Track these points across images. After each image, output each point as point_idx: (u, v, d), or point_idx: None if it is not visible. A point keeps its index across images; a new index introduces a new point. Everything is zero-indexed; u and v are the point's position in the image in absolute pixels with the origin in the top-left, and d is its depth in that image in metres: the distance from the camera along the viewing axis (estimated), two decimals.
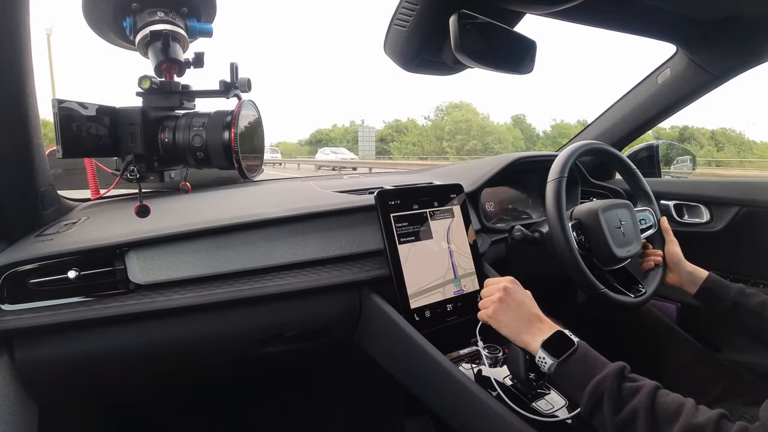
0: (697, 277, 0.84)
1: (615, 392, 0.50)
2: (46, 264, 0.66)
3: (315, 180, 1.19)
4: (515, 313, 0.63)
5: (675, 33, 0.98)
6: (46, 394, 0.71)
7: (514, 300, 0.64)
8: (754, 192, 1.08)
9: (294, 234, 0.80)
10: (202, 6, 0.59)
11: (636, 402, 0.48)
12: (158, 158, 0.56)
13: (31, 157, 0.68)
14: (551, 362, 0.57)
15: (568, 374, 0.56)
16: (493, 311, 0.65)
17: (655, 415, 0.47)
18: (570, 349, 0.56)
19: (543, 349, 0.58)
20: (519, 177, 1.19)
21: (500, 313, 0.64)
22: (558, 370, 0.56)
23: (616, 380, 0.51)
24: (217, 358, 0.85)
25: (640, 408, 0.47)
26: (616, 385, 0.50)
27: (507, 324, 0.63)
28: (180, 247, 0.73)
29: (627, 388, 0.50)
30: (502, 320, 0.64)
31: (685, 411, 0.46)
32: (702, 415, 0.45)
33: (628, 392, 0.50)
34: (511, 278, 0.69)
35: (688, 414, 0.45)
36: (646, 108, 1.19)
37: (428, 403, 0.74)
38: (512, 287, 0.66)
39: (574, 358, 0.55)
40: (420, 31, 0.70)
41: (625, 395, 0.49)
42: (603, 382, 0.51)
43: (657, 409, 0.47)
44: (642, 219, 0.95)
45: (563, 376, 0.56)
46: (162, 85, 0.55)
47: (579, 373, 0.54)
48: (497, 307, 0.64)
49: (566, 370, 0.56)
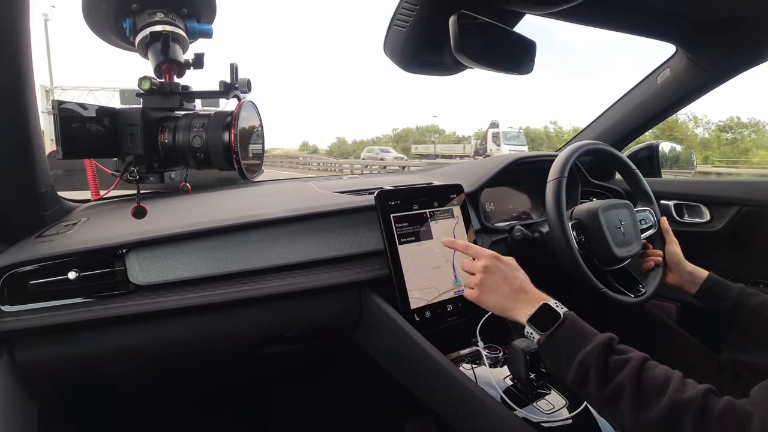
0: (698, 277, 0.84)
1: (601, 366, 0.49)
2: (47, 265, 0.66)
3: (315, 180, 1.19)
4: (498, 291, 0.63)
5: (675, 33, 0.98)
6: (46, 395, 0.71)
7: (496, 278, 0.63)
8: (754, 192, 1.07)
9: (294, 234, 0.80)
10: (201, 7, 0.59)
11: (622, 376, 0.48)
12: (158, 159, 0.56)
13: (31, 158, 0.68)
14: (539, 336, 0.56)
15: (556, 347, 0.55)
16: (478, 294, 0.64)
17: (640, 390, 0.46)
18: (556, 323, 0.55)
19: (530, 323, 0.58)
20: (519, 177, 1.19)
21: (485, 295, 0.64)
22: (545, 343, 0.56)
23: (603, 354, 0.50)
24: (217, 359, 0.85)
25: (626, 382, 0.47)
26: (602, 359, 0.50)
27: (493, 304, 0.63)
28: (180, 248, 0.73)
29: (613, 361, 0.49)
30: (489, 301, 0.63)
31: (672, 385, 0.45)
32: (689, 390, 0.44)
33: (614, 366, 0.49)
34: (492, 253, 0.67)
35: (674, 388, 0.45)
36: (646, 108, 1.19)
37: (428, 403, 0.74)
38: (492, 264, 0.65)
39: (561, 331, 0.55)
40: (419, 31, 0.70)
41: (611, 369, 0.49)
42: (589, 356, 0.50)
43: (643, 384, 0.46)
44: (642, 219, 0.95)
45: (551, 349, 0.56)
46: (162, 86, 0.55)
47: (566, 346, 0.54)
48: (481, 289, 0.64)
49: (554, 343, 0.55)
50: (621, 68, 64.15)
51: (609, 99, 1.28)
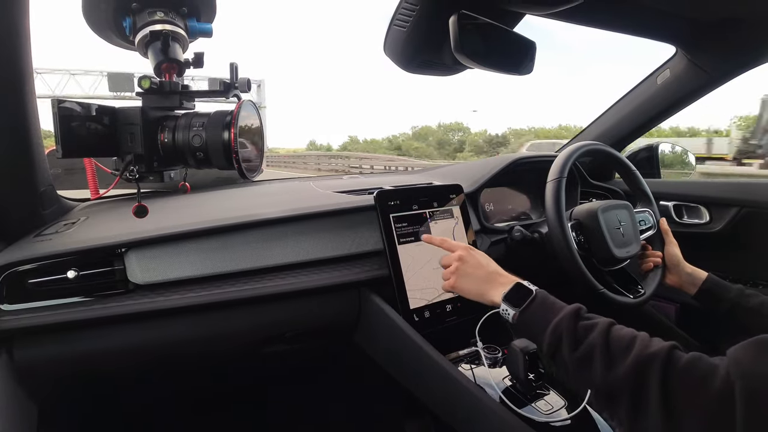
0: (697, 279, 0.84)
1: (572, 330, 0.52)
2: (46, 264, 0.66)
3: (314, 180, 1.19)
4: (474, 276, 0.66)
5: (674, 34, 0.98)
6: (45, 394, 0.71)
7: (470, 265, 0.67)
8: (753, 192, 1.08)
9: (293, 234, 0.80)
10: (201, 6, 0.59)
11: (592, 338, 0.50)
12: (158, 158, 0.55)
13: (30, 156, 0.68)
14: (513, 312, 0.59)
15: (529, 321, 0.58)
16: (454, 281, 0.67)
17: (609, 348, 0.49)
18: (529, 298, 0.59)
19: (504, 301, 0.61)
20: (518, 177, 1.19)
21: (461, 281, 0.67)
22: (520, 318, 0.59)
23: (573, 320, 0.53)
24: (216, 359, 0.85)
25: (596, 343, 0.50)
26: (573, 324, 0.53)
27: (469, 289, 0.66)
28: (179, 248, 0.73)
29: (583, 326, 0.52)
30: (464, 287, 0.67)
31: (638, 342, 0.48)
32: (655, 346, 0.47)
33: (583, 330, 0.52)
34: (466, 245, 0.71)
35: (641, 345, 0.47)
36: (646, 109, 1.19)
37: (428, 403, 0.74)
38: (466, 254, 0.68)
39: (533, 306, 0.58)
40: (419, 31, 0.70)
41: (581, 333, 0.52)
42: (561, 322, 0.54)
43: (611, 343, 0.49)
44: (641, 220, 0.95)
45: (525, 323, 0.58)
46: (162, 85, 0.55)
47: (539, 319, 0.57)
48: (456, 276, 0.67)
49: (527, 317, 0.58)
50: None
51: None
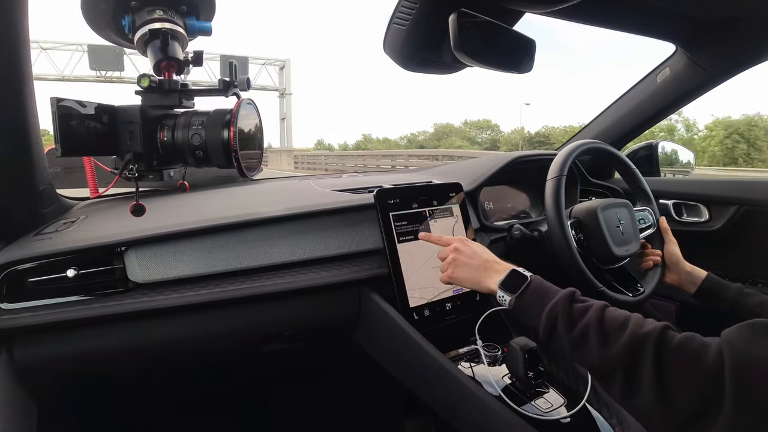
0: (696, 277, 0.84)
1: (567, 313, 0.54)
2: (45, 263, 0.66)
3: (314, 179, 1.19)
4: (470, 265, 0.67)
5: (674, 32, 0.98)
6: (45, 393, 0.71)
7: (466, 255, 0.68)
8: (753, 191, 1.08)
9: (293, 233, 0.80)
10: (201, 4, 0.59)
11: (587, 318, 0.52)
12: (157, 157, 0.56)
13: (29, 155, 0.68)
14: (510, 298, 0.60)
15: (525, 306, 0.59)
16: (451, 271, 0.68)
17: (604, 328, 0.50)
18: (525, 284, 0.60)
19: (501, 288, 0.62)
20: (518, 176, 1.19)
21: (457, 271, 0.68)
22: (516, 304, 0.60)
23: (568, 302, 0.55)
24: (216, 357, 0.85)
25: (591, 323, 0.51)
26: (568, 306, 0.54)
27: (466, 278, 0.67)
28: (179, 246, 0.73)
29: (577, 308, 0.54)
30: (461, 276, 0.67)
31: (632, 322, 0.49)
32: (648, 325, 0.48)
33: (578, 312, 0.53)
34: (460, 237, 0.72)
35: (634, 324, 0.48)
36: (645, 107, 1.19)
37: (427, 401, 0.74)
38: (461, 244, 0.69)
39: (529, 291, 0.59)
40: (419, 29, 0.69)
41: (576, 314, 0.53)
42: (556, 305, 0.55)
43: (606, 323, 0.50)
44: (641, 218, 0.95)
45: (522, 308, 0.59)
46: (161, 83, 0.55)
47: (535, 303, 0.58)
48: (453, 267, 0.68)
49: (523, 302, 0.59)
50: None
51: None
